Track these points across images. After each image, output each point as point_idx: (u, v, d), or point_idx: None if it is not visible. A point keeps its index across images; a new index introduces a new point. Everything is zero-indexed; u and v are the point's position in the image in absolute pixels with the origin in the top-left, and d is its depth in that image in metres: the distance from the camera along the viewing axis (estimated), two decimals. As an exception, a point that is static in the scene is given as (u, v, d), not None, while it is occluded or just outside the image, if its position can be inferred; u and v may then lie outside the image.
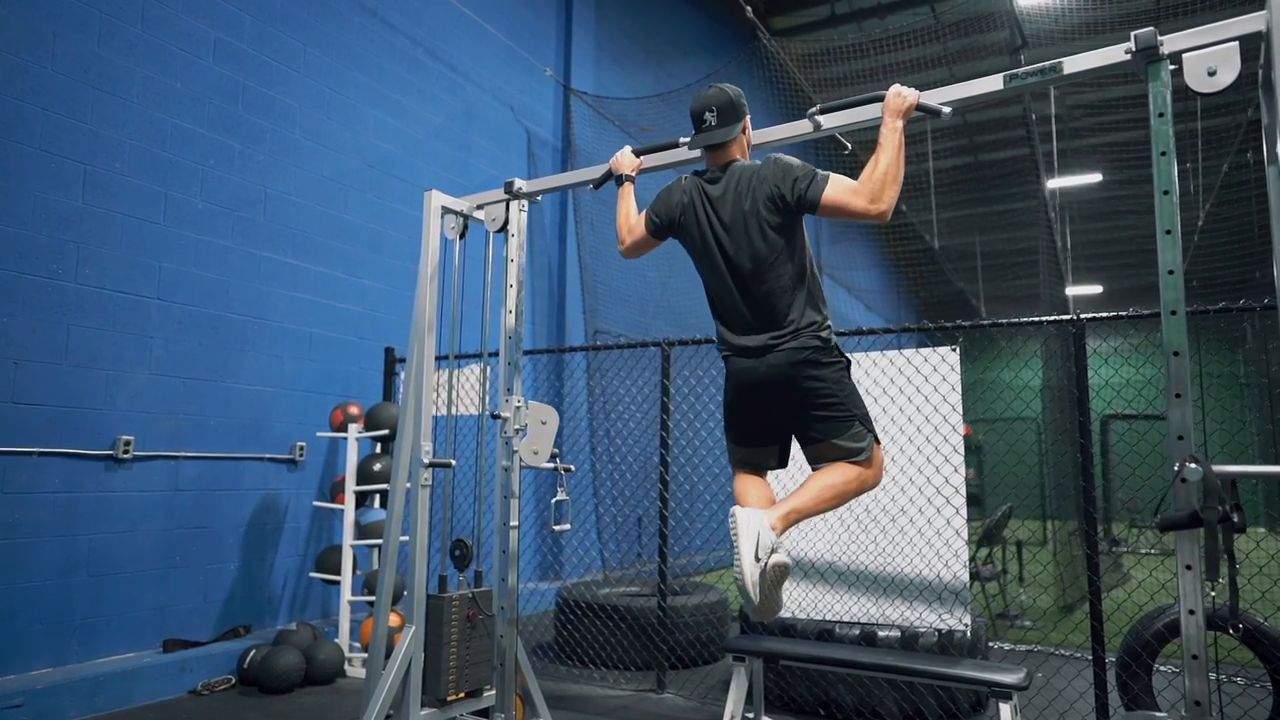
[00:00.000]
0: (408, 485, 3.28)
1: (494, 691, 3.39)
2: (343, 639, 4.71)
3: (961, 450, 3.77)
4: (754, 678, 3.24)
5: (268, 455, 5.00)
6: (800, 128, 2.78)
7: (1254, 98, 2.11)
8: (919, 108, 2.47)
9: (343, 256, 5.61)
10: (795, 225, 2.50)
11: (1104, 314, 3.68)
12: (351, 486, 4.83)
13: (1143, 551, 10.99)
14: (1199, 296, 14.42)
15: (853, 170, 2.49)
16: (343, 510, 4.85)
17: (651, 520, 7.84)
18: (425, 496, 3.31)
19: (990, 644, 4.69)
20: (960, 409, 3.82)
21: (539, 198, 3.56)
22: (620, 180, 2.98)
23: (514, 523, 3.33)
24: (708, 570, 8.79)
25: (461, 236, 3.57)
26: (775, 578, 2.21)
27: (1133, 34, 2.20)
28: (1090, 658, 4.77)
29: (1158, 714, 2.63)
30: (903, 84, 2.48)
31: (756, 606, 2.21)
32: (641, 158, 3.05)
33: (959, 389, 3.83)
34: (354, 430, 4.92)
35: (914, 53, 9.94)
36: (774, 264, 2.46)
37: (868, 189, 2.36)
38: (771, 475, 2.71)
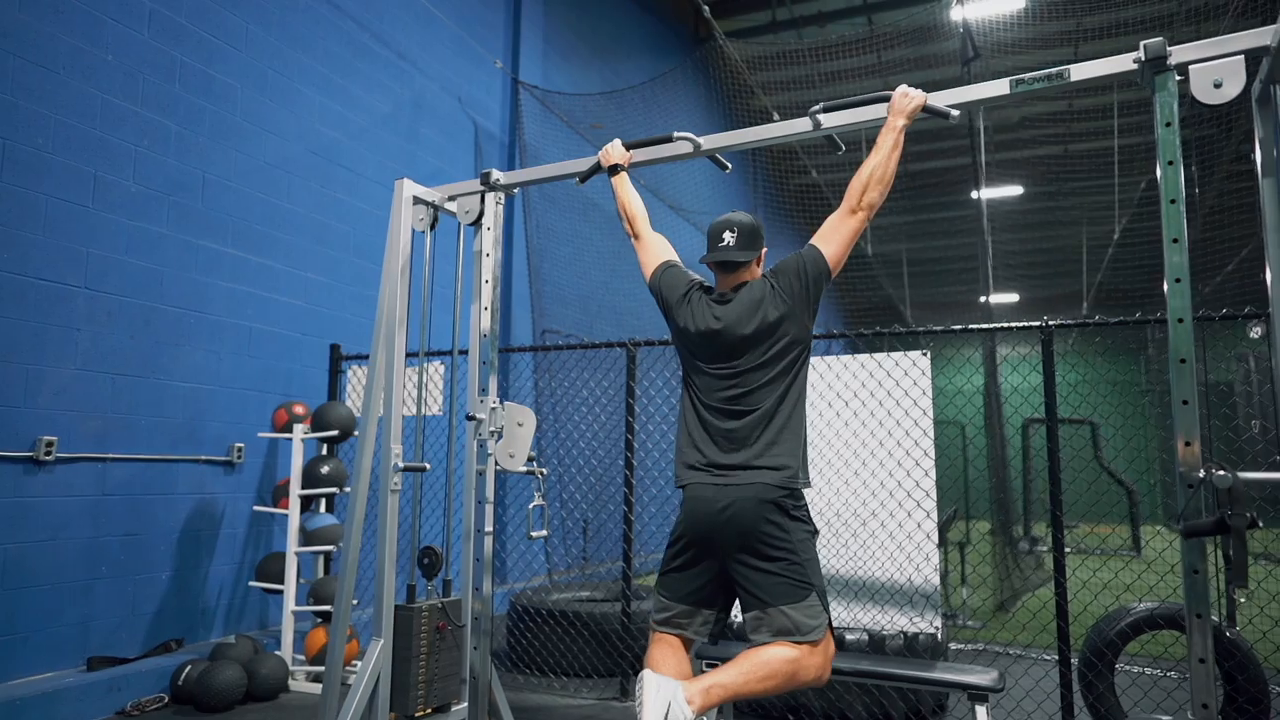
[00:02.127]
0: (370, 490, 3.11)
1: (463, 706, 3.23)
2: (285, 651, 4.44)
3: (932, 454, 3.80)
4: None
5: (203, 457, 4.68)
6: (799, 125, 2.73)
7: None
8: (926, 109, 2.45)
9: (285, 248, 5.31)
10: (806, 346, 2.41)
11: (1070, 321, 3.75)
12: (297, 490, 4.56)
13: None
14: (1111, 307, 15.15)
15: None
16: (285, 515, 4.58)
17: (611, 524, 7.71)
18: (394, 502, 3.13)
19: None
20: (931, 413, 3.85)
21: (515, 190, 3.43)
22: (614, 170, 2.90)
23: (488, 529, 3.19)
24: (648, 574, 8.71)
25: (432, 228, 3.41)
26: None
27: (1142, 44, 2.22)
28: (1040, 655, 4.91)
29: (1163, 717, 2.68)
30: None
31: None
32: (631, 151, 2.97)
33: (930, 393, 3.86)
34: (299, 431, 4.65)
35: (854, 61, 10.12)
36: (773, 390, 2.35)
37: (850, 200, 2.38)
38: None
